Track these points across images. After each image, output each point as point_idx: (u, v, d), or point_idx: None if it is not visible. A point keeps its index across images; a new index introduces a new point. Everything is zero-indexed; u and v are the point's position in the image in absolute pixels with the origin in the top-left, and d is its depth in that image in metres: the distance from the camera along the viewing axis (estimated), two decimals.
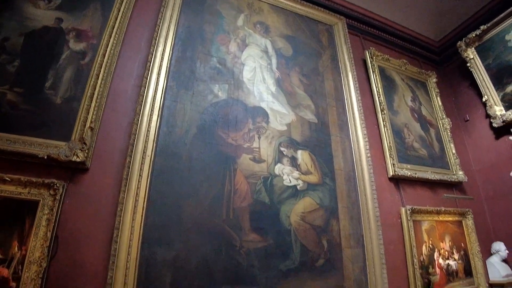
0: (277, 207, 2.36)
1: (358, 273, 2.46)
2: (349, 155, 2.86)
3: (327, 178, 2.66)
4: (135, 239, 1.89)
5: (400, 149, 3.20)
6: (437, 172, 3.32)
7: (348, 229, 2.55)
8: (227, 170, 2.32)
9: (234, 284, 2.05)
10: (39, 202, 1.80)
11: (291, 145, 2.63)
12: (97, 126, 2.09)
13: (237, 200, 2.26)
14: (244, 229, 2.20)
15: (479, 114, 3.97)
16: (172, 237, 1.99)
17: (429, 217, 3.09)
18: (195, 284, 1.95)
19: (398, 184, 3.08)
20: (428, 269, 2.89)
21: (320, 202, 2.53)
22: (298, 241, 2.33)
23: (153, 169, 2.09)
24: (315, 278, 2.29)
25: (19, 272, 1.66)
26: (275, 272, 2.17)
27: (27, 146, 1.84)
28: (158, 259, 1.92)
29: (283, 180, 2.47)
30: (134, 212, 1.93)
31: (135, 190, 1.98)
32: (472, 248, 3.30)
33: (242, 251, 2.14)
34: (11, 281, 1.63)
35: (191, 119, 2.37)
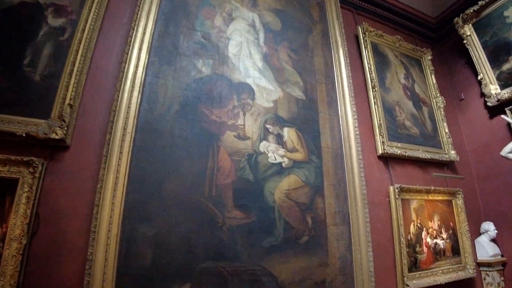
0: (261, 184, 2.33)
1: (343, 250, 2.46)
2: (337, 132, 2.80)
3: (314, 155, 2.61)
4: (116, 215, 1.88)
5: (391, 127, 3.14)
6: (428, 151, 3.28)
7: (333, 207, 2.53)
8: (210, 147, 2.27)
9: (216, 261, 2.04)
10: (18, 180, 1.78)
11: (277, 122, 2.57)
12: (77, 103, 2.04)
13: (220, 177, 2.22)
14: (227, 206, 2.17)
15: (474, 93, 3.89)
16: (153, 213, 1.97)
17: (418, 196, 3.06)
18: (176, 260, 1.94)
19: (388, 163, 3.04)
20: (415, 248, 2.89)
21: (305, 179, 2.50)
22: (282, 218, 2.31)
23: (134, 146, 2.05)
24: (298, 254, 2.28)
25: (0, 249, 1.66)
26: (258, 249, 2.17)
27: (6, 124, 1.80)
28: (139, 235, 1.91)
29: (268, 157, 2.42)
30: (115, 189, 1.91)
31: (115, 167, 1.95)
32: (461, 228, 3.29)
33: (224, 228, 2.12)
34: None
35: (173, 95, 2.30)
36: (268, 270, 2.15)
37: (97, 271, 1.75)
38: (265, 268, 2.15)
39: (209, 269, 2.00)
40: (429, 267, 2.94)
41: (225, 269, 2.05)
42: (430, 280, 2.85)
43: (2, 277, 1.62)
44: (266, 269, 2.15)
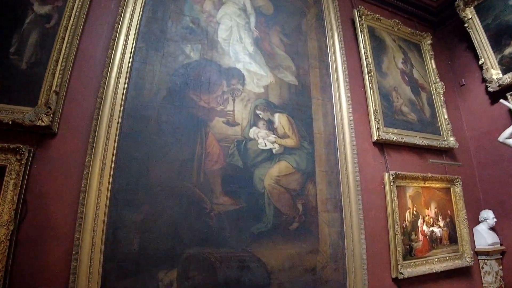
0: (250, 170, 2.29)
1: (335, 237, 2.43)
2: (331, 118, 2.74)
3: (305, 141, 2.56)
4: (103, 201, 1.88)
5: (387, 113, 3.06)
6: (426, 138, 3.20)
7: (325, 193, 2.49)
8: (198, 133, 2.23)
9: (204, 246, 2.03)
10: (6, 167, 1.78)
11: (268, 108, 2.52)
12: (63, 91, 2.02)
13: (208, 164, 2.19)
14: (215, 192, 2.15)
15: (475, 78, 3.78)
16: (140, 200, 1.97)
17: (415, 183, 3.00)
18: (163, 246, 1.94)
19: (383, 149, 2.97)
20: (410, 236, 2.84)
21: (296, 166, 2.46)
22: (272, 204, 2.28)
23: (120, 133, 2.05)
24: (288, 241, 2.25)
25: None
26: (246, 235, 2.15)
27: None
28: (126, 221, 1.91)
29: (258, 143, 2.38)
30: (101, 175, 1.91)
31: (102, 154, 1.95)
32: (459, 216, 3.23)
33: (212, 214, 2.10)
34: None
35: (160, 81, 2.26)
36: (257, 256, 2.14)
37: (84, 256, 1.76)
38: (254, 255, 2.13)
39: (196, 255, 2.00)
40: (425, 255, 2.89)
41: (213, 255, 2.04)
42: (426, 268, 2.81)
43: None
44: (254, 255, 2.13)
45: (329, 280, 2.32)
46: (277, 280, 2.15)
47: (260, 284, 2.11)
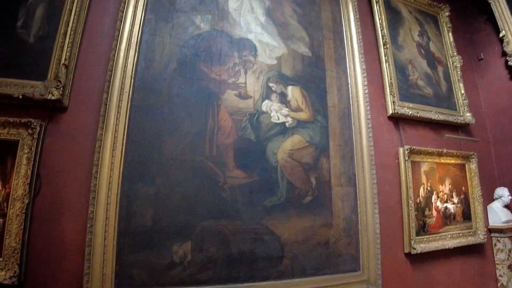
0: (263, 144, 2.25)
1: (348, 211, 2.41)
2: (345, 91, 2.66)
3: (319, 115, 2.50)
4: (115, 175, 1.87)
5: (403, 87, 2.96)
6: (442, 113, 3.10)
7: (339, 167, 2.45)
8: (210, 106, 2.18)
9: (218, 219, 2.03)
10: (18, 141, 1.79)
11: (280, 80, 2.44)
12: (72, 64, 1.99)
13: (220, 137, 2.15)
14: (228, 166, 2.12)
15: (495, 52, 3.62)
16: (153, 173, 1.95)
17: (430, 159, 2.94)
18: (177, 219, 1.94)
19: (398, 124, 2.89)
20: (424, 212, 2.81)
21: (310, 139, 2.41)
22: (285, 178, 2.25)
23: (131, 106, 2.01)
24: (301, 214, 2.24)
25: (4, 209, 1.71)
26: (260, 208, 2.13)
27: (2, 87, 1.79)
28: (139, 194, 1.90)
29: (270, 117, 2.32)
30: (113, 148, 1.90)
31: (113, 127, 1.93)
32: (474, 193, 3.18)
33: (225, 187, 2.08)
34: None
35: (170, 53, 2.20)
36: (270, 229, 2.13)
37: (98, 229, 1.77)
38: (267, 227, 2.13)
39: (210, 228, 2.00)
40: (438, 231, 2.87)
41: (226, 228, 2.03)
42: (438, 244, 2.80)
43: (7, 235, 1.67)
44: (268, 228, 2.13)
45: (342, 254, 2.32)
46: (290, 253, 2.15)
47: (273, 256, 2.11)
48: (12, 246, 1.65)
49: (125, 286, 1.78)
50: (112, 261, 1.77)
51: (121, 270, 1.79)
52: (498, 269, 3.20)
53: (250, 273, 2.03)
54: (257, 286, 2.02)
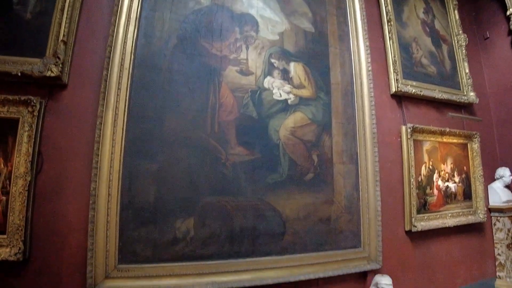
0: (265, 121, 2.23)
1: (350, 189, 2.41)
2: (348, 68, 2.61)
3: (322, 92, 2.46)
4: (117, 152, 1.87)
5: (406, 65, 2.91)
6: (445, 92, 3.07)
7: (341, 145, 2.44)
8: (211, 83, 2.15)
9: (220, 195, 2.04)
10: (19, 119, 1.77)
11: (283, 57, 2.39)
12: (71, 40, 1.95)
13: (222, 114, 2.13)
14: (230, 143, 2.11)
15: (501, 31, 3.55)
16: (154, 150, 1.95)
17: (432, 138, 2.92)
18: (180, 195, 1.95)
19: (401, 102, 2.86)
20: (425, 190, 2.82)
21: (312, 117, 2.38)
22: (287, 155, 2.24)
23: (132, 82, 1.98)
24: (303, 191, 2.24)
25: (7, 187, 1.72)
26: (262, 185, 2.14)
27: (1, 65, 1.77)
28: (141, 171, 1.90)
29: (272, 94, 2.29)
30: (115, 125, 1.89)
31: (114, 104, 1.91)
32: (475, 172, 3.18)
33: (227, 164, 2.08)
34: (1, 195, 1.71)
35: (170, 28, 2.15)
36: (272, 205, 2.14)
37: (101, 206, 1.78)
38: (269, 204, 2.13)
39: (212, 204, 2.01)
40: (439, 209, 2.89)
41: (229, 204, 2.04)
42: (439, 222, 2.82)
43: (11, 212, 1.68)
44: (270, 204, 2.13)
45: (343, 230, 2.33)
46: (291, 229, 2.17)
47: (275, 232, 2.12)
48: (16, 223, 1.66)
49: (129, 261, 1.80)
50: (115, 237, 1.79)
51: (125, 246, 1.81)
52: (497, 248, 3.24)
53: (252, 248, 2.05)
54: (259, 261, 2.05)
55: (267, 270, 2.05)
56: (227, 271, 1.95)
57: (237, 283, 1.94)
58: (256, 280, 1.99)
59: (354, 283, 2.38)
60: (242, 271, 1.99)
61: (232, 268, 1.97)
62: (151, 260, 1.83)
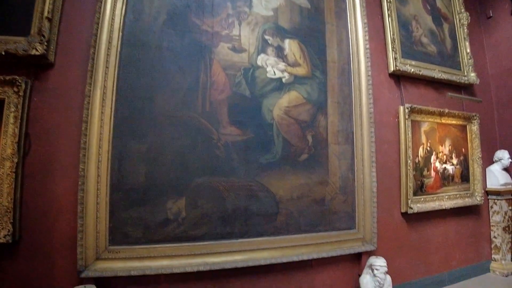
0: (258, 100, 2.17)
1: (345, 169, 2.37)
2: (345, 46, 2.52)
3: (318, 70, 2.39)
4: (106, 131, 1.82)
5: (406, 44, 2.82)
6: (445, 72, 2.99)
7: (336, 125, 2.38)
8: (202, 60, 2.07)
9: (212, 176, 2.00)
10: (4, 100, 1.72)
11: (277, 33, 2.30)
12: (56, 18, 1.87)
13: (214, 93, 2.06)
14: (222, 122, 2.05)
15: (505, 10, 3.45)
16: (144, 129, 1.90)
17: (430, 118, 2.86)
18: (170, 175, 1.91)
19: (399, 82, 2.79)
20: (422, 172, 2.78)
21: (307, 96, 2.31)
22: (281, 135, 2.19)
23: (120, 60, 1.92)
24: (297, 172, 2.20)
25: None
26: (255, 165, 2.09)
27: None
28: (131, 151, 1.86)
29: (266, 72, 2.22)
30: (103, 105, 1.83)
31: (102, 82, 1.85)
32: (473, 154, 3.14)
33: (219, 144, 2.03)
34: None
35: (160, 4, 2.06)
36: (265, 186, 2.11)
37: (90, 187, 1.75)
38: (262, 184, 2.10)
39: (204, 184, 1.97)
40: (436, 191, 2.86)
41: (221, 184, 2.01)
42: (435, 204, 2.80)
43: None
44: (263, 185, 2.10)
45: (337, 211, 2.31)
46: (285, 209, 2.14)
47: (268, 212, 2.10)
48: (4, 205, 1.63)
49: (120, 243, 1.79)
50: (105, 218, 1.77)
51: (115, 227, 1.79)
52: (493, 230, 3.24)
53: (244, 229, 2.03)
54: (252, 242, 2.03)
55: (259, 251, 2.03)
56: (219, 251, 1.94)
57: (230, 263, 1.94)
58: (249, 260, 1.98)
59: (348, 264, 2.37)
60: (234, 251, 1.98)
61: (224, 249, 1.96)
62: (142, 241, 1.82)
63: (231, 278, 2.02)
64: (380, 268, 2.13)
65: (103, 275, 1.72)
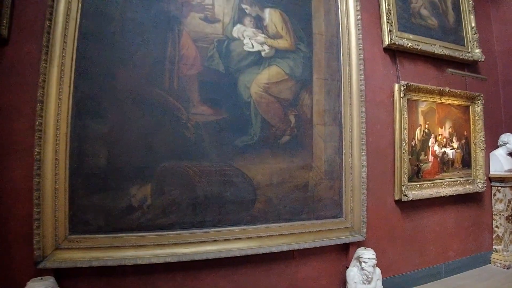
0: (234, 76, 1.96)
1: (332, 153, 2.17)
2: (334, 17, 2.27)
3: (302, 43, 2.15)
4: (64, 112, 1.67)
5: (403, 15, 2.55)
6: (447, 47, 2.73)
7: (323, 104, 2.17)
8: (169, 32, 1.87)
9: (181, 160, 1.83)
10: None
11: (256, 2, 2.06)
12: None
13: (183, 68, 1.86)
14: (192, 101, 1.86)
15: None
16: (105, 108, 1.74)
17: (429, 98, 2.62)
18: (135, 159, 1.76)
19: (395, 57, 2.54)
20: (419, 156, 2.57)
21: (290, 71, 2.09)
22: (259, 115, 1.99)
23: (80, 34, 1.73)
24: (277, 155, 2.02)
25: None
26: (229, 148, 1.91)
27: None
28: (91, 133, 1.71)
29: (243, 44, 2.00)
30: (61, 83, 1.67)
31: (59, 58, 1.67)
32: (476, 138, 2.92)
33: (189, 125, 1.84)
34: None
35: None
36: (241, 170, 1.93)
37: (47, 171, 1.62)
38: (238, 169, 1.92)
39: (172, 169, 1.81)
40: (433, 177, 2.66)
41: (191, 169, 1.83)
42: (433, 191, 2.61)
43: None
44: (239, 169, 1.92)
45: (322, 198, 2.13)
46: (263, 196, 1.97)
47: (244, 199, 1.93)
48: None
49: (80, 231, 1.67)
50: (64, 205, 1.65)
51: (75, 215, 1.67)
52: (495, 220, 3.06)
53: (218, 217, 1.87)
54: (226, 231, 1.87)
55: (234, 241, 1.88)
56: (189, 242, 1.80)
57: (201, 255, 1.79)
58: (222, 251, 1.82)
59: (335, 256, 2.20)
60: (206, 241, 1.83)
61: (195, 239, 1.81)
62: (104, 230, 1.70)
63: (204, 270, 1.87)
64: (368, 261, 1.96)
65: (62, 266, 1.59)
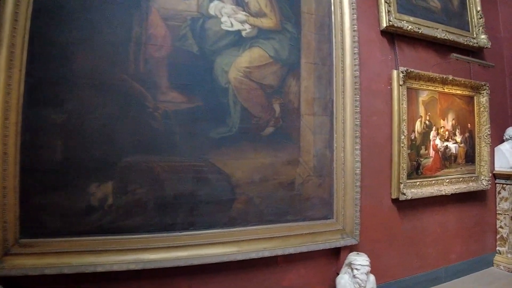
0: (209, 58, 1.74)
1: (321, 146, 1.96)
2: None
3: (289, 23, 1.92)
4: (14, 100, 1.49)
5: None
6: (450, 32, 2.51)
7: (312, 92, 1.95)
8: (135, 8, 1.64)
9: (147, 154, 1.63)
10: None
11: None
12: None
13: (150, 49, 1.65)
14: (160, 87, 1.65)
15: None
16: (61, 95, 1.54)
17: (431, 86, 2.40)
18: (93, 153, 1.56)
19: (394, 41, 2.31)
20: (419, 150, 2.36)
21: (274, 54, 1.87)
22: (239, 103, 1.78)
23: (33, 10, 1.53)
24: (260, 149, 1.81)
25: None
26: (203, 141, 1.70)
27: None
28: (45, 123, 1.53)
29: (221, 23, 1.77)
30: (11, 66, 1.49)
31: (9, 39, 1.48)
32: (481, 131, 2.72)
33: (157, 114, 1.63)
34: None
35: None
36: (217, 166, 1.72)
37: None
38: (214, 164, 1.71)
39: (136, 165, 1.60)
40: (434, 174, 2.46)
41: (159, 165, 1.63)
42: (434, 189, 2.42)
43: None
44: (214, 165, 1.71)
45: (311, 197, 1.92)
46: (243, 195, 1.76)
47: (221, 199, 1.72)
48: None
49: (33, 235, 1.49)
50: (15, 205, 1.47)
51: (28, 216, 1.49)
52: (499, 219, 2.89)
53: (190, 219, 1.67)
54: (199, 235, 1.67)
55: (209, 246, 1.67)
56: (157, 247, 1.60)
57: (169, 262, 1.59)
58: (194, 258, 1.62)
59: (324, 261, 2.00)
60: (176, 247, 1.63)
61: (163, 244, 1.61)
62: (60, 233, 1.51)
63: (175, 278, 1.67)
64: (361, 268, 1.75)
65: (12, 274, 1.41)
